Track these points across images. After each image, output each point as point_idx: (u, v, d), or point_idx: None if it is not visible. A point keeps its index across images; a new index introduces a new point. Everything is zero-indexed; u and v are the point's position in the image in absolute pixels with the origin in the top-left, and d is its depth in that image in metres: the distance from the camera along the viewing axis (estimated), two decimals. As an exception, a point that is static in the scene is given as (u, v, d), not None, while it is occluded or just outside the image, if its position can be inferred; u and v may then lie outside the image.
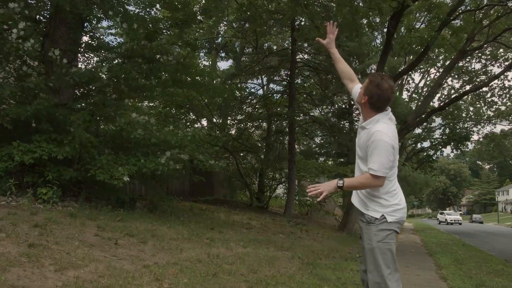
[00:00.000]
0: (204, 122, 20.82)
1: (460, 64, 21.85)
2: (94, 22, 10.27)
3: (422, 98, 28.81)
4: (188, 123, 19.95)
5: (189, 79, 12.69)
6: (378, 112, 3.13)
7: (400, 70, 20.74)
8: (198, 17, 15.15)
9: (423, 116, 17.37)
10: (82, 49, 10.83)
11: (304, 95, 21.96)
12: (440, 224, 47.35)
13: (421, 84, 31.67)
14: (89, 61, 11.29)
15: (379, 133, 3.01)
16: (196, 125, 20.29)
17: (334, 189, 3.08)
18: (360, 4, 14.18)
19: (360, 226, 3.32)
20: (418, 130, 28.02)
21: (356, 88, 3.43)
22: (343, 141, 19.68)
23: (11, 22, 7.61)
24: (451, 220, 48.42)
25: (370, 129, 3.09)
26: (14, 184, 7.34)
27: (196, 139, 9.60)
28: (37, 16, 9.56)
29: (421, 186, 25.23)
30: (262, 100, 21.01)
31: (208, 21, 18.10)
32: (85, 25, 10.41)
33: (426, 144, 29.80)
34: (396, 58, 23.98)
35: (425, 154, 29.47)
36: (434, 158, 29.97)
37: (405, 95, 29.93)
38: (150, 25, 9.77)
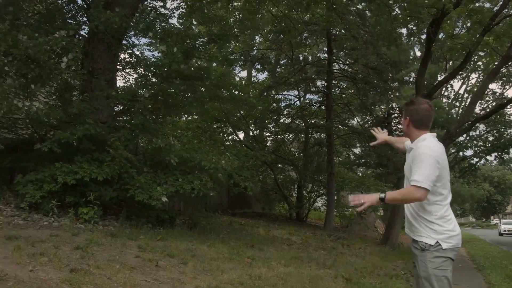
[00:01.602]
0: (241, 134, 20.81)
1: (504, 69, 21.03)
2: (133, 39, 10.45)
3: (463, 105, 27.97)
4: (225, 136, 20.03)
5: (225, 92, 12.71)
6: (422, 129, 3.17)
7: (440, 78, 20.17)
8: (234, 30, 15.19)
9: (467, 124, 16.74)
10: (120, 67, 10.99)
11: (342, 105, 21.64)
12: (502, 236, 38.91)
13: (461, 91, 30.73)
14: (128, 78, 11.45)
15: (424, 147, 3.03)
16: (232, 137, 20.34)
17: (375, 202, 3.09)
18: (397, 11, 13.91)
19: (414, 253, 3.21)
20: (460, 138, 27.08)
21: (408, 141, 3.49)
22: (382, 151, 19.22)
23: (57, 46, 7.74)
24: (504, 230, 40.55)
25: (415, 147, 3.12)
26: (56, 204, 7.42)
27: (231, 163, 9.46)
28: (76, 36, 9.75)
29: (464, 199, 24.41)
30: (299, 112, 20.83)
31: (244, 34, 18.11)
32: (123, 42, 10.57)
33: (469, 152, 28.74)
34: (435, 64, 23.38)
35: (467, 163, 28.42)
36: (477, 166, 28.89)
37: (444, 101, 29.10)
38: (188, 41, 9.80)
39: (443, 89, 28.19)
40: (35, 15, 9.85)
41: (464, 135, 25.88)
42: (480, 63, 23.33)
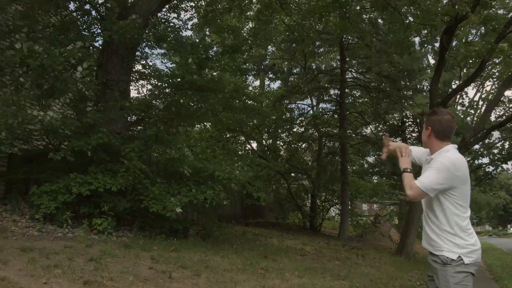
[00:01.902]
0: (254, 144, 20.79)
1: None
2: (146, 49, 10.53)
3: (478, 112, 27.64)
4: (238, 145, 20.04)
5: (238, 102, 12.72)
6: (444, 141, 3.12)
7: (454, 86, 19.99)
8: (248, 40, 15.21)
9: (482, 132, 16.51)
10: (134, 78, 11.07)
11: (355, 114, 21.53)
12: None
13: (475, 98, 30.40)
14: (142, 89, 11.56)
15: (445, 157, 2.99)
16: (245, 147, 20.35)
17: (400, 165, 3.24)
18: (411, 18, 13.81)
19: (433, 267, 3.13)
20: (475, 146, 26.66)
21: (411, 147, 3.50)
22: (396, 160, 18.99)
23: (73, 57, 7.82)
24: None
25: (435, 158, 3.08)
26: (70, 215, 7.45)
27: (245, 173, 9.43)
28: (90, 48, 9.84)
29: (480, 206, 24.03)
30: (312, 121, 20.77)
31: (258, 45, 18.13)
32: (137, 54, 10.66)
33: (484, 160, 28.36)
34: (450, 72, 23.18)
35: (482, 171, 27.96)
36: (493, 174, 28.45)
37: (459, 109, 28.79)
38: (202, 52, 9.84)
39: (458, 96, 27.91)
40: (50, 28, 9.98)
41: (480, 143, 25.56)
42: (494, 70, 23.09)
